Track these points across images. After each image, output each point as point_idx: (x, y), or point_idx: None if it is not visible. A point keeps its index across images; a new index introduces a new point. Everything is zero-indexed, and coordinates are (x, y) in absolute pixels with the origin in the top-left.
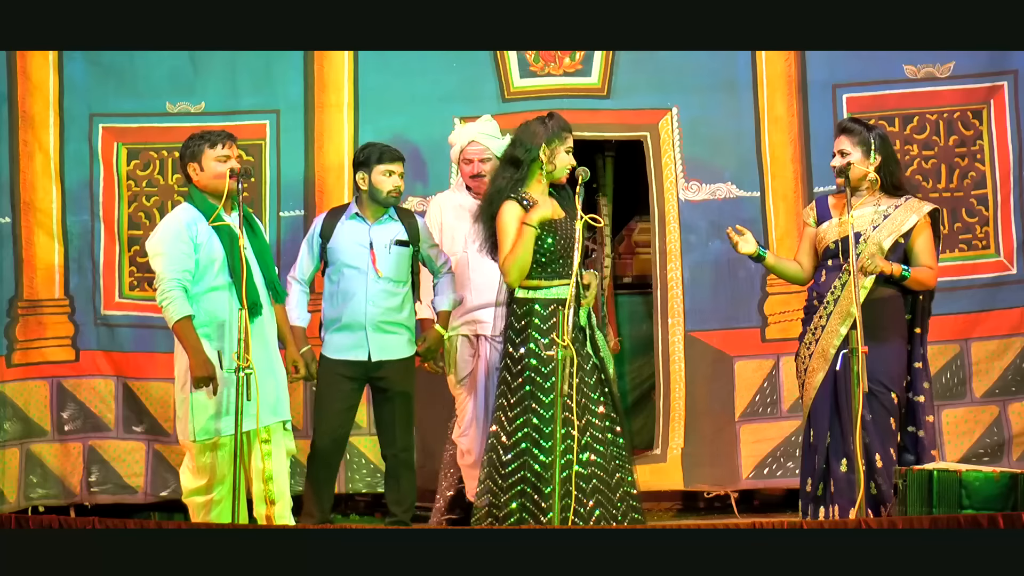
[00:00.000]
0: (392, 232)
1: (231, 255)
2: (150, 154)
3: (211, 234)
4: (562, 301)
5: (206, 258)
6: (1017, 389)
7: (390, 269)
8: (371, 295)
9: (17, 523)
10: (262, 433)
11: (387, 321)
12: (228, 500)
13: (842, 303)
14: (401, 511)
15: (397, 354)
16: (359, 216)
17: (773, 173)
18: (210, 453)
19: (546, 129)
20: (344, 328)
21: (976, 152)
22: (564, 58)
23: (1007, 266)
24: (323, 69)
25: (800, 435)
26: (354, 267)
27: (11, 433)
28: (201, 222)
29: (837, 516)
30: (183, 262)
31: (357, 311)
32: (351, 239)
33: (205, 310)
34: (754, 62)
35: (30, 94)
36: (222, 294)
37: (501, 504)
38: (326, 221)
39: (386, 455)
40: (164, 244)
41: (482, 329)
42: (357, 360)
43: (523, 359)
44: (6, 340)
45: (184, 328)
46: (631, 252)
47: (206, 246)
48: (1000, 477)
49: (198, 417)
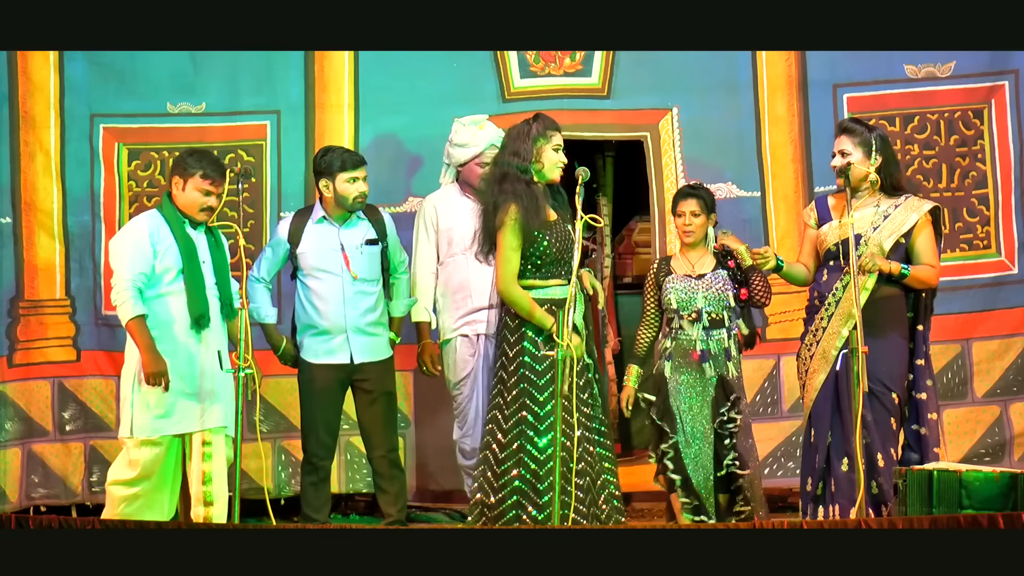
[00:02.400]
0: (361, 232)
1: (187, 261)
2: (151, 154)
3: (172, 244)
4: (557, 302)
5: (163, 267)
6: (1018, 389)
7: (364, 270)
8: (348, 298)
9: (18, 523)
10: (204, 435)
11: (367, 323)
12: (149, 498)
13: (843, 304)
14: (396, 511)
15: (378, 355)
16: (326, 219)
17: (773, 173)
18: (146, 449)
19: (531, 131)
20: (323, 332)
21: (977, 152)
22: (564, 58)
23: (1008, 266)
24: (323, 69)
25: (800, 435)
26: (328, 271)
27: (12, 433)
28: (164, 230)
29: (837, 516)
30: (140, 264)
31: (336, 315)
32: (321, 243)
33: (155, 312)
34: (754, 62)
35: (31, 94)
36: (174, 300)
37: (494, 504)
38: (293, 225)
39: (374, 457)
40: (125, 245)
41: (482, 329)
42: (339, 363)
43: (518, 357)
44: (7, 340)
45: (137, 326)
46: (631, 252)
47: (165, 256)
48: (1000, 477)
49: (139, 414)
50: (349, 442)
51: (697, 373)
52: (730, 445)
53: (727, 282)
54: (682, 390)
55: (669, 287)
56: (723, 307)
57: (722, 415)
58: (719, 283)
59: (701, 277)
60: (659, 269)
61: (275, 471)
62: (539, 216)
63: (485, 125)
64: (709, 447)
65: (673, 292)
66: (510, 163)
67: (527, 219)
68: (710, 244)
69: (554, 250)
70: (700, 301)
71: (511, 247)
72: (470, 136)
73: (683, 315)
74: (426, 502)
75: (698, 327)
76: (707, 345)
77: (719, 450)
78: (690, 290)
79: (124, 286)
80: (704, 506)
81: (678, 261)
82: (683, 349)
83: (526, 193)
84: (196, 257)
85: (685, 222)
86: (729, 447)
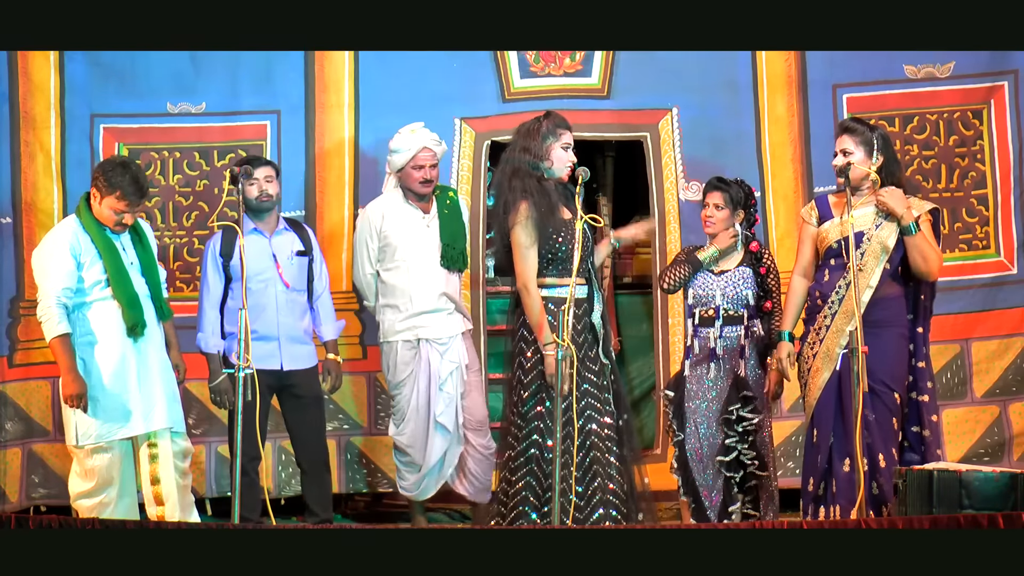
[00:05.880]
0: (290, 242)
1: (114, 272)
2: (151, 154)
3: (94, 251)
4: (576, 300)
5: (90, 277)
6: (1018, 389)
7: (294, 279)
8: (280, 305)
9: (18, 523)
10: (150, 437)
11: (297, 332)
12: (117, 505)
13: (847, 302)
14: (323, 511)
15: (305, 363)
16: (257, 230)
17: (773, 173)
18: (97, 456)
19: (541, 128)
20: (257, 340)
21: (976, 152)
22: (564, 58)
23: (1007, 266)
24: (324, 69)
25: (801, 435)
26: (262, 280)
27: (13, 433)
28: (85, 240)
29: (838, 516)
30: (64, 280)
31: (270, 322)
32: (254, 253)
33: (89, 320)
34: (754, 62)
35: (31, 94)
36: (107, 305)
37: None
38: (224, 239)
39: (303, 460)
40: (47, 260)
41: (423, 333)
42: (269, 369)
43: (536, 354)
44: (8, 340)
45: (59, 346)
46: (631, 252)
47: (91, 266)
48: (1000, 477)
49: (82, 423)
50: (349, 442)
51: (711, 370)
52: (742, 443)
53: (749, 280)
54: (695, 388)
55: (690, 283)
56: (742, 305)
57: (730, 413)
58: (740, 280)
59: (723, 273)
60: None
61: (275, 471)
62: (552, 212)
63: (418, 130)
64: (716, 444)
65: (692, 288)
66: (521, 159)
67: (539, 216)
68: (739, 241)
69: (569, 247)
70: (719, 298)
71: (525, 245)
72: (404, 141)
73: (700, 312)
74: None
75: (715, 324)
76: (722, 343)
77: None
78: (710, 287)
79: (48, 303)
80: (703, 506)
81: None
82: (700, 346)
83: (537, 190)
84: (122, 266)
85: (708, 213)
86: (735, 445)
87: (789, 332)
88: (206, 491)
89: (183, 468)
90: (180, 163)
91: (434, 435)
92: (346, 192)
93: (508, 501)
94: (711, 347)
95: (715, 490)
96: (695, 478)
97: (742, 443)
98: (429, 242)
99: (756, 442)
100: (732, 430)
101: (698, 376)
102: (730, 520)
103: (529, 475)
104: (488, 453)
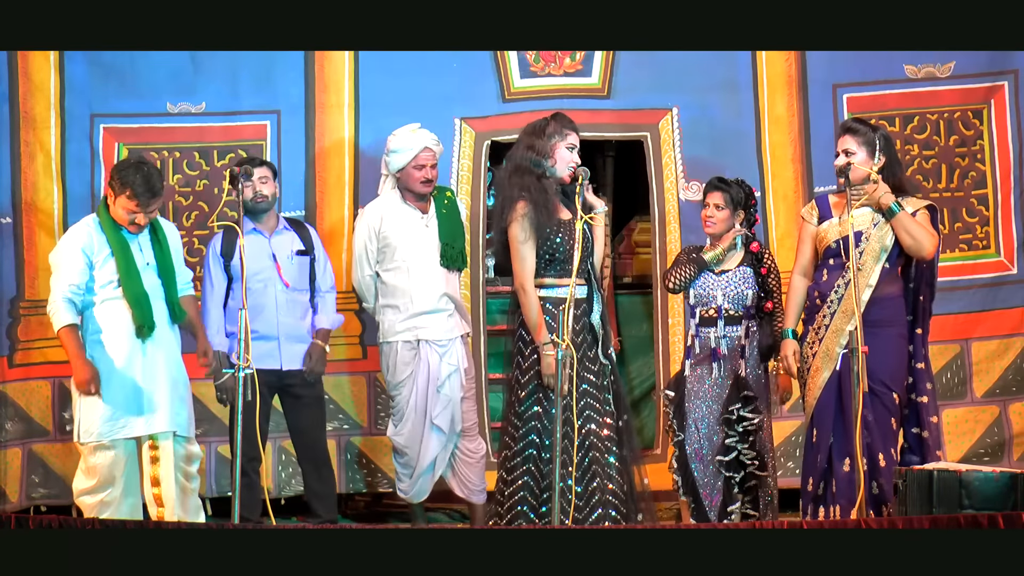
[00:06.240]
0: (290, 241)
1: (125, 272)
2: (151, 154)
3: (108, 250)
4: (576, 301)
5: (104, 276)
6: (1017, 389)
7: (294, 279)
8: (280, 305)
9: (18, 523)
10: (152, 439)
11: (297, 332)
12: (119, 503)
13: (846, 301)
14: (327, 512)
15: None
16: (256, 230)
17: (773, 173)
18: (100, 454)
19: (548, 127)
20: (257, 339)
21: (976, 152)
22: (564, 58)
23: (1007, 266)
24: (324, 69)
25: (800, 435)
26: (261, 279)
27: (13, 433)
28: (101, 240)
29: (838, 516)
30: (72, 276)
31: (270, 322)
32: (253, 252)
33: (99, 318)
34: (754, 62)
35: (31, 94)
36: (118, 305)
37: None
38: (224, 239)
39: (304, 458)
40: (59, 257)
41: (424, 334)
42: (269, 369)
43: (534, 354)
44: (8, 340)
45: (67, 335)
46: (631, 252)
47: (104, 265)
48: (1000, 477)
49: (85, 419)
50: (349, 442)
51: (713, 370)
52: (742, 443)
53: (750, 280)
54: (696, 388)
55: (691, 283)
56: (742, 305)
57: (730, 413)
58: (741, 280)
59: (723, 273)
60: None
61: (275, 471)
62: (548, 211)
63: (418, 130)
64: (716, 444)
65: (693, 288)
66: (524, 156)
67: (536, 214)
68: (738, 241)
69: (568, 248)
70: (720, 298)
71: (521, 241)
72: (404, 141)
73: (701, 312)
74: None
75: (718, 324)
76: (723, 342)
77: (725, 447)
78: (710, 287)
79: (56, 297)
80: (703, 506)
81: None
82: (701, 345)
83: (535, 187)
84: (134, 267)
85: (708, 213)
86: (736, 444)
87: (792, 330)
88: (206, 491)
89: (189, 472)
90: (180, 163)
91: (429, 436)
92: (346, 192)
93: (505, 501)
94: (713, 347)
95: (715, 490)
96: (695, 478)
97: (742, 443)
98: (428, 242)
99: (756, 442)
100: (732, 430)
101: (699, 376)
102: (730, 520)
103: (526, 475)
104: (477, 457)
